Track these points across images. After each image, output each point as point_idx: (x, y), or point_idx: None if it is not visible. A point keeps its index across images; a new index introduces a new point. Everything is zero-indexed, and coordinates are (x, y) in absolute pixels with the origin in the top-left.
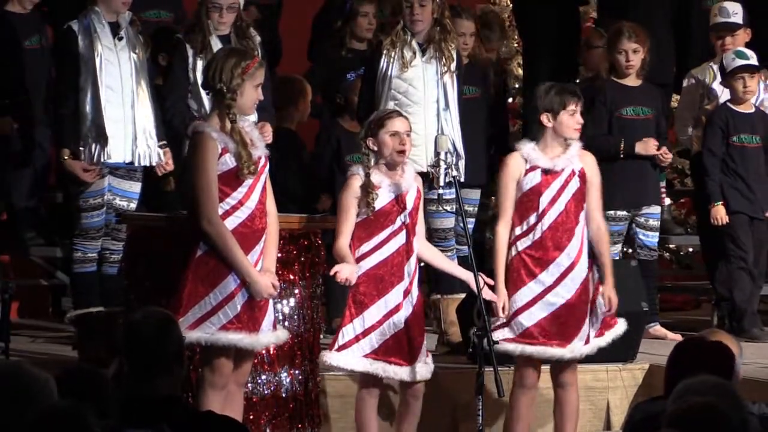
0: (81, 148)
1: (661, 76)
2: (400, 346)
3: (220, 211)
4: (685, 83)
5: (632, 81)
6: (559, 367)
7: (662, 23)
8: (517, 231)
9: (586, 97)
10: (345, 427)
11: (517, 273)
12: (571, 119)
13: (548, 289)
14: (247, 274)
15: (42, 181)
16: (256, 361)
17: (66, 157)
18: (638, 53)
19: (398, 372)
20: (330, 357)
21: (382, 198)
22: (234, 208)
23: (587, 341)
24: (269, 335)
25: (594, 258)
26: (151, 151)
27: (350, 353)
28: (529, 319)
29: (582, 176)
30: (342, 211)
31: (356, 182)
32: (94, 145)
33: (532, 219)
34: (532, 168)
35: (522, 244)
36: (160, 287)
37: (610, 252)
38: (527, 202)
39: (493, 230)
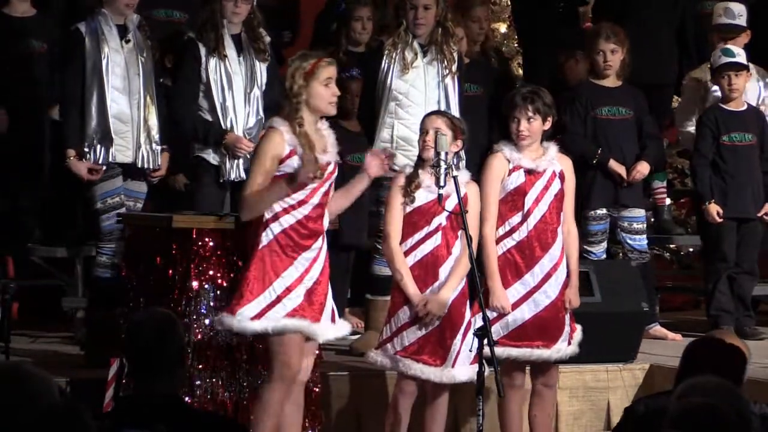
0: (86, 150)
1: (663, 78)
2: (431, 346)
3: (278, 209)
4: (684, 83)
5: (611, 82)
6: (542, 367)
7: (665, 25)
8: (501, 231)
9: (566, 97)
10: (347, 427)
11: (502, 273)
12: (512, 126)
13: (534, 289)
14: (285, 184)
15: (43, 181)
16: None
17: (71, 158)
18: (616, 54)
19: (425, 371)
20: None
21: (422, 196)
22: (292, 207)
23: (570, 341)
24: (331, 328)
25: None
26: (154, 154)
27: (382, 351)
28: (514, 321)
29: (562, 178)
30: (391, 209)
31: (401, 178)
32: (99, 146)
33: (516, 219)
34: (516, 168)
35: (507, 245)
36: (161, 287)
37: (596, 251)
38: (511, 202)
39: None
